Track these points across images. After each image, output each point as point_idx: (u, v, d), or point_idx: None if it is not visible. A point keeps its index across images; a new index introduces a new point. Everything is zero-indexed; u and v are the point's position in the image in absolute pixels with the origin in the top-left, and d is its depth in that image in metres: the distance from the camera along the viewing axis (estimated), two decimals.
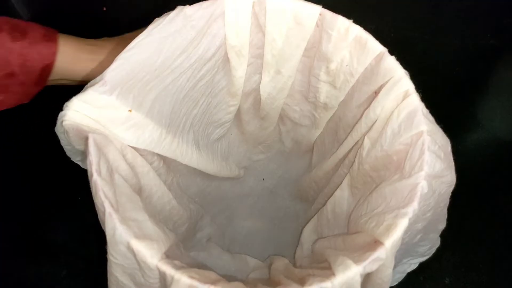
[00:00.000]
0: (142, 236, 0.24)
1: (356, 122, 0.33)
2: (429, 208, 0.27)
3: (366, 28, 0.30)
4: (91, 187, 0.25)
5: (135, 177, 0.29)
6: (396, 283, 0.35)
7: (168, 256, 0.24)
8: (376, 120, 0.31)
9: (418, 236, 0.29)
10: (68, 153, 0.30)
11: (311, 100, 0.38)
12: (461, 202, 0.33)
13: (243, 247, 0.47)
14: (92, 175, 0.24)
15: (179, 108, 0.33)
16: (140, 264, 0.24)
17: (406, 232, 0.25)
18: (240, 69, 0.35)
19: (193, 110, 0.36)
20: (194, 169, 0.37)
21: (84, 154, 0.31)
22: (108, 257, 0.25)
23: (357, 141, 0.34)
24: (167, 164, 0.34)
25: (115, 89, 0.27)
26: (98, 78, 0.26)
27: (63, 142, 0.28)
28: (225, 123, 0.42)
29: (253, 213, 0.50)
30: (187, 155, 0.35)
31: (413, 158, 0.27)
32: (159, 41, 0.28)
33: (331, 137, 0.39)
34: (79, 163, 0.32)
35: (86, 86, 0.27)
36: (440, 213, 0.29)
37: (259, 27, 0.33)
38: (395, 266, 0.26)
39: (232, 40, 0.32)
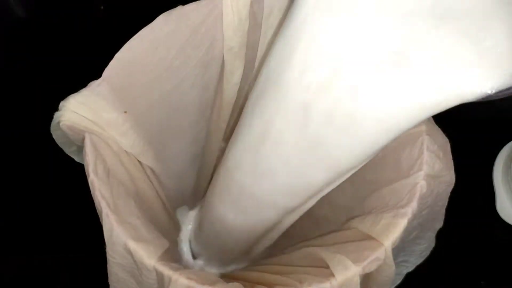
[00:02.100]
0: (138, 238, 0.24)
1: None
2: (426, 206, 0.27)
3: None
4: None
5: (130, 180, 0.28)
6: (394, 286, 0.35)
7: (164, 259, 0.24)
8: None
9: (414, 233, 0.28)
10: (61, 145, 0.30)
11: None
12: (460, 202, 0.33)
13: None
14: (89, 175, 0.25)
15: (174, 113, 0.33)
16: (138, 264, 0.24)
17: (404, 231, 0.25)
18: (236, 74, 0.34)
19: (189, 116, 0.35)
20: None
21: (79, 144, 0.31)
22: (107, 257, 0.25)
23: None
24: None
25: (112, 90, 0.26)
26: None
27: (56, 138, 0.28)
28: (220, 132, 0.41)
29: None
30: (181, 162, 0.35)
31: (412, 158, 0.27)
32: (152, 39, 0.28)
33: None
34: (71, 154, 0.32)
35: None
36: (437, 212, 0.29)
37: (258, 27, 0.33)
38: None
39: (230, 41, 0.32)
